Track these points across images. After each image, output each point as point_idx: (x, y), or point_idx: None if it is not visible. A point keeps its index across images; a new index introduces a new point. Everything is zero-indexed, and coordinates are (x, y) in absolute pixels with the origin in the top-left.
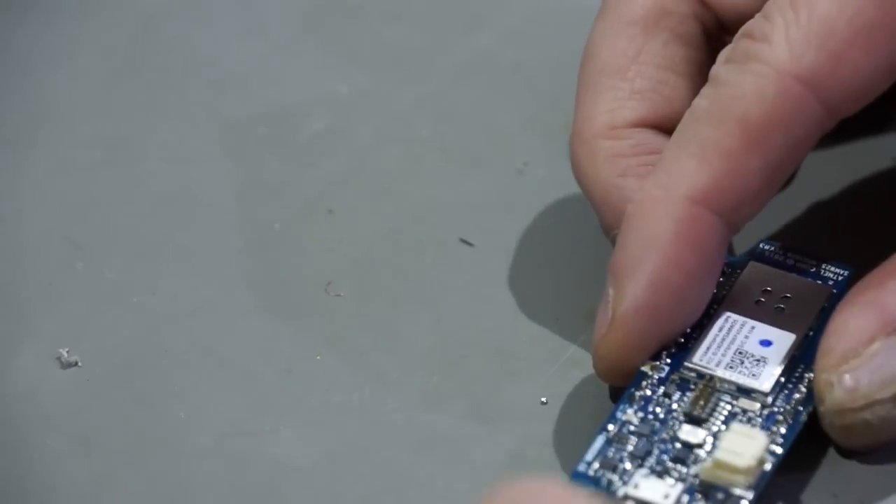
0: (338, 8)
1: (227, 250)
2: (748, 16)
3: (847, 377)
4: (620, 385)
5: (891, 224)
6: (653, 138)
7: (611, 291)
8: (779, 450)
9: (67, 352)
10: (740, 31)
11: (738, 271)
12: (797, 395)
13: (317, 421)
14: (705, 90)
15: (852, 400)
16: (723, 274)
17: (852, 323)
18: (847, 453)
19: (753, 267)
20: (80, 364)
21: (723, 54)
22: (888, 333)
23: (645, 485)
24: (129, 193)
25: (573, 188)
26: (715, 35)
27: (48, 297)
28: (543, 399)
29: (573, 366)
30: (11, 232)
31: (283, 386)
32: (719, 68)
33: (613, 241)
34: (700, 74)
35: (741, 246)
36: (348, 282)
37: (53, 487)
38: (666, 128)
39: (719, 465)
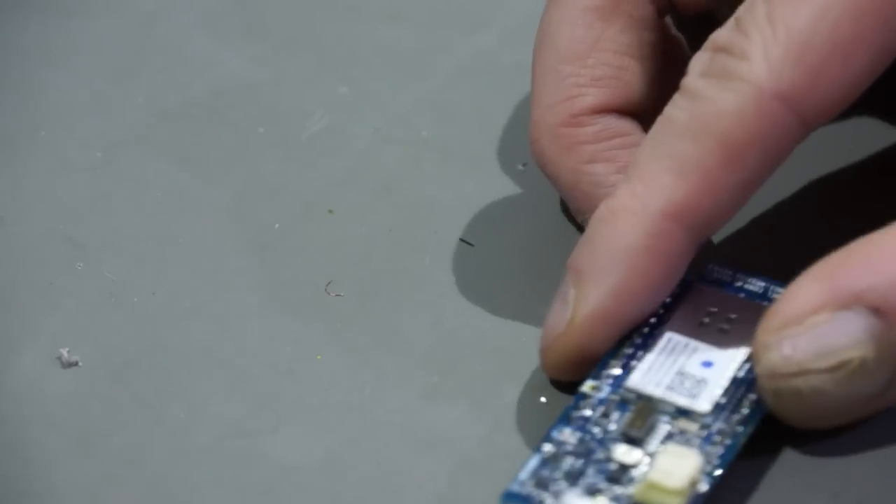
0: (337, 8)
1: (227, 250)
2: None
3: (785, 343)
4: (565, 380)
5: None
6: (615, 122)
7: (572, 291)
8: (716, 471)
9: (68, 352)
10: (714, 43)
11: (685, 292)
12: (736, 416)
13: (317, 421)
14: (680, 101)
15: (785, 366)
16: (670, 294)
17: (802, 292)
18: (843, 451)
19: (700, 288)
20: (80, 364)
21: (696, 65)
22: (836, 307)
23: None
24: (129, 193)
25: None
26: (665, 13)
27: (49, 297)
28: (543, 399)
29: None
30: (11, 232)
31: (283, 386)
32: (696, 82)
33: (584, 224)
34: (654, 56)
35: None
36: (348, 282)
37: (53, 487)
38: (626, 112)
39: (652, 485)
